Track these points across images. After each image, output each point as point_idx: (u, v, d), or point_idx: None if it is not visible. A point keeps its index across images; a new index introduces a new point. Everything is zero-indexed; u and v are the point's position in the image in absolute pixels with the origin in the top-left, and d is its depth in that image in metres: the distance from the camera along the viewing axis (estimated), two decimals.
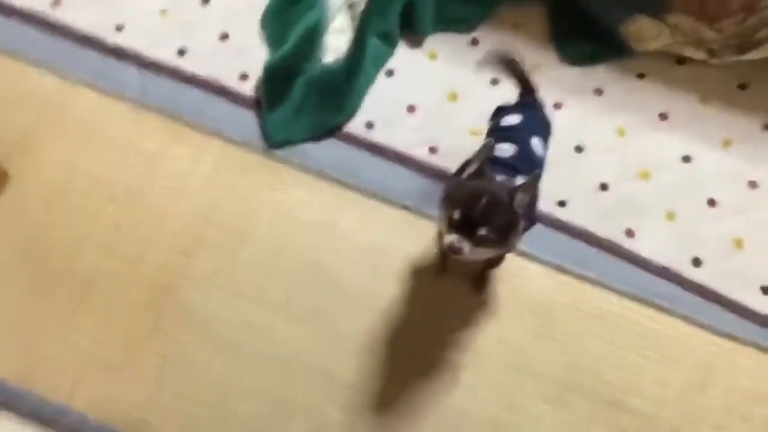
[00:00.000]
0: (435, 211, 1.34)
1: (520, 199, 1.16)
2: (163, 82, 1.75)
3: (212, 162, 1.67)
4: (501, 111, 1.42)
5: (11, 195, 1.60)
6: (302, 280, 1.57)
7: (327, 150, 1.70)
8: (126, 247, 1.58)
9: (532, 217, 1.33)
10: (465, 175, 1.23)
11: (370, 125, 1.73)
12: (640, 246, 1.63)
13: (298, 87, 1.71)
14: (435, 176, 1.68)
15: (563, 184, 1.67)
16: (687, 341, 1.56)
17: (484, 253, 1.23)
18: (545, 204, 1.62)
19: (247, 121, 1.72)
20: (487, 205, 1.13)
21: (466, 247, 1.13)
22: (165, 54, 1.79)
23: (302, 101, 1.70)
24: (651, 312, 1.58)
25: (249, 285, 1.56)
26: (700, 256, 1.62)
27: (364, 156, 1.69)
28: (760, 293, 1.59)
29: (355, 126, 1.73)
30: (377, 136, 1.72)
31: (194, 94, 1.74)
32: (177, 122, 1.71)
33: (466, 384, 1.51)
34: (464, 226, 1.13)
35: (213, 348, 1.50)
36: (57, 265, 1.55)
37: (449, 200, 1.19)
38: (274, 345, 1.51)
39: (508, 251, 1.39)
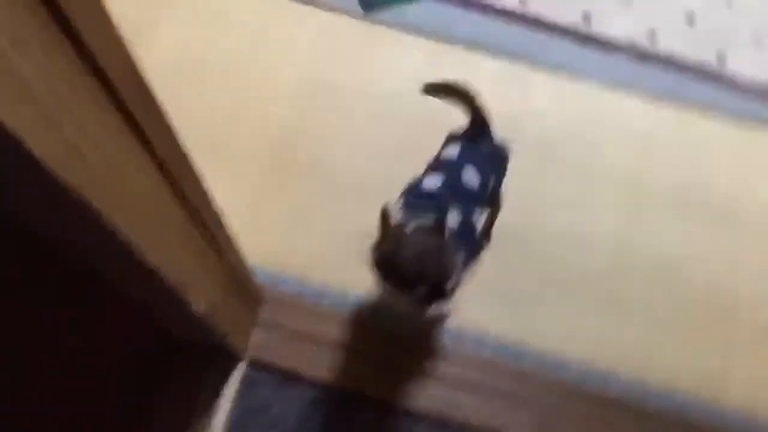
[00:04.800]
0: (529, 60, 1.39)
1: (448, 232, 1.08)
2: None
3: (314, 30, 1.74)
4: (449, 140, 1.32)
5: None
6: (415, 127, 1.64)
7: (422, 8, 1.76)
8: (246, 114, 1.65)
9: (478, 243, 1.26)
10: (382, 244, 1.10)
11: None
12: (733, 70, 1.70)
13: None
14: (527, 24, 1.75)
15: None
16: None
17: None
18: (635, 35, 1.70)
19: None
20: (417, 262, 1.05)
21: (428, 306, 1.09)
22: None
23: None
24: (753, 133, 1.66)
25: (365, 137, 1.64)
26: None
27: (457, 12, 1.77)
28: None
29: None
30: None
31: None
32: None
33: (589, 202, 1.59)
34: (408, 293, 1.07)
35: (337, 193, 1.57)
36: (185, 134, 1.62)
37: (383, 277, 1.10)
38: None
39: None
